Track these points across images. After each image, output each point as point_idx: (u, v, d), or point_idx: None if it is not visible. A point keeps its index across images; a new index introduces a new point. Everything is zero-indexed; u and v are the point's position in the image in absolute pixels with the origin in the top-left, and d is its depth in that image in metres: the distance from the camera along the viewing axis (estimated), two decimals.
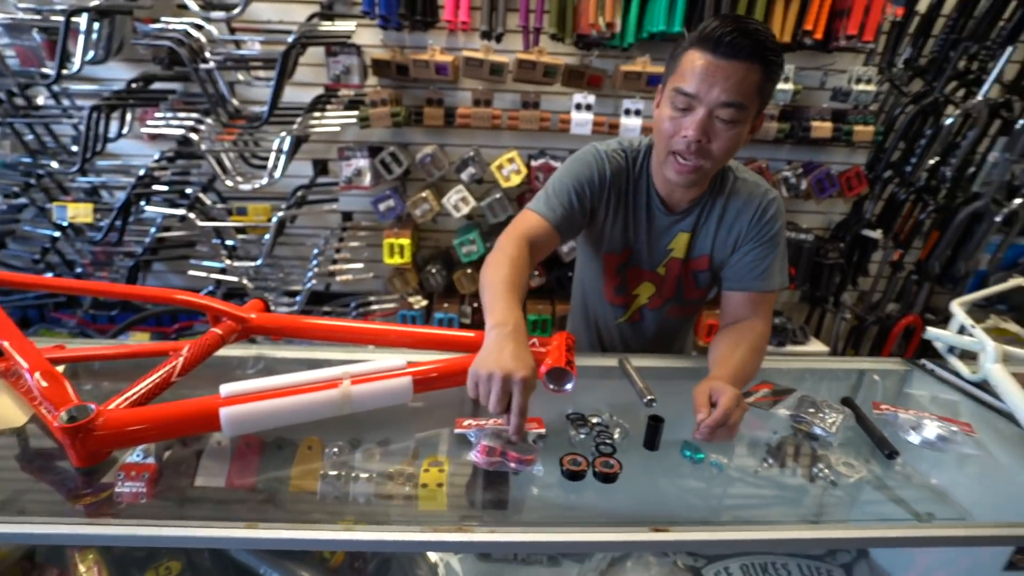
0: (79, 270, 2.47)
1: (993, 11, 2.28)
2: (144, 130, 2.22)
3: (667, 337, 1.33)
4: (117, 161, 2.46)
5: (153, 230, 2.37)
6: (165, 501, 0.74)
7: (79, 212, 2.27)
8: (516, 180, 2.25)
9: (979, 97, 2.30)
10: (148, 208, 2.30)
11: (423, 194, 2.33)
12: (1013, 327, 1.41)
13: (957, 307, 1.25)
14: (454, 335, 1.08)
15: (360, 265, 2.42)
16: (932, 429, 0.91)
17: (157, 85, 2.29)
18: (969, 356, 1.18)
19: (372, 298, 2.54)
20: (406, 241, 2.33)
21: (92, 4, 1.97)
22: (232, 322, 1.01)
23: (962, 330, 1.21)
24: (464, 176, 2.29)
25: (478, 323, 2.47)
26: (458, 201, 2.33)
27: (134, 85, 2.23)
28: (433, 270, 2.47)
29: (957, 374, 1.18)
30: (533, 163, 2.28)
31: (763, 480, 0.84)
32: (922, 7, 2.35)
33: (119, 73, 2.30)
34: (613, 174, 1.10)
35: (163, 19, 2.06)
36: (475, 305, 2.49)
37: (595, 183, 1.09)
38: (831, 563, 1.21)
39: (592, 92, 2.21)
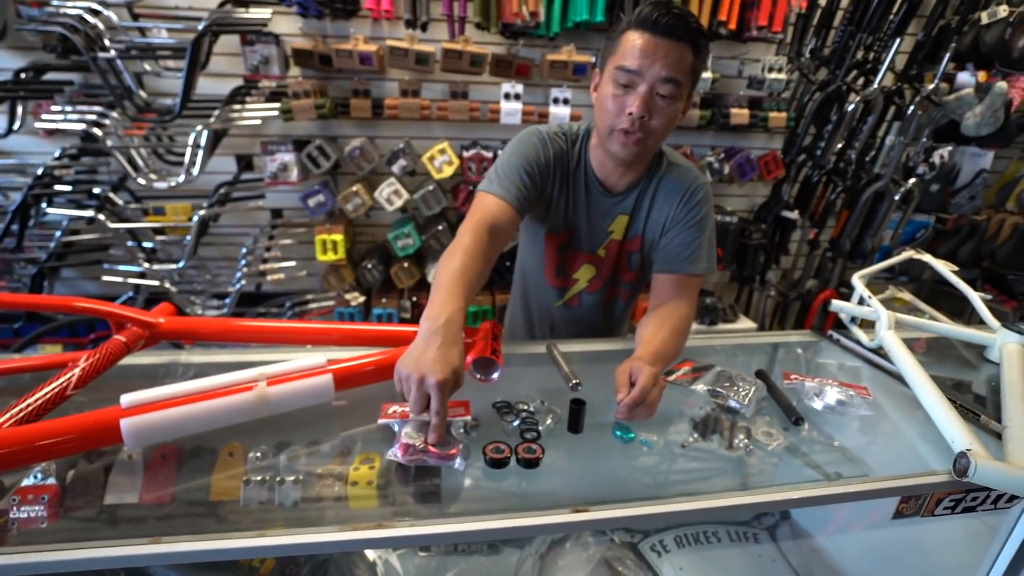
0: None
1: (883, 4, 2.45)
2: (39, 125, 2.03)
3: (605, 324, 1.35)
4: (10, 160, 2.25)
5: (58, 234, 2.19)
6: (70, 523, 0.69)
7: None
8: (449, 171, 2.23)
9: (875, 85, 2.49)
10: (51, 210, 2.12)
11: (354, 188, 2.27)
12: (908, 296, 1.52)
13: (857, 280, 1.34)
14: (383, 330, 1.06)
15: (292, 263, 2.34)
16: (833, 395, 0.98)
17: (51, 75, 2.10)
18: (869, 325, 1.26)
19: (309, 296, 2.47)
20: (339, 237, 2.27)
21: None
22: (138, 328, 0.94)
23: (862, 301, 1.30)
24: (395, 168, 2.25)
25: (418, 317, 2.44)
26: (391, 194, 2.28)
27: (23, 75, 2.04)
28: (369, 265, 2.42)
29: (858, 342, 1.26)
30: (465, 154, 2.27)
31: (691, 453, 0.88)
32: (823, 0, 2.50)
33: (4, 62, 2.10)
34: (556, 155, 1.12)
35: (53, 3, 1.89)
36: (414, 299, 2.47)
37: (542, 162, 1.10)
38: (757, 527, 1.29)
39: (520, 81, 2.22)
